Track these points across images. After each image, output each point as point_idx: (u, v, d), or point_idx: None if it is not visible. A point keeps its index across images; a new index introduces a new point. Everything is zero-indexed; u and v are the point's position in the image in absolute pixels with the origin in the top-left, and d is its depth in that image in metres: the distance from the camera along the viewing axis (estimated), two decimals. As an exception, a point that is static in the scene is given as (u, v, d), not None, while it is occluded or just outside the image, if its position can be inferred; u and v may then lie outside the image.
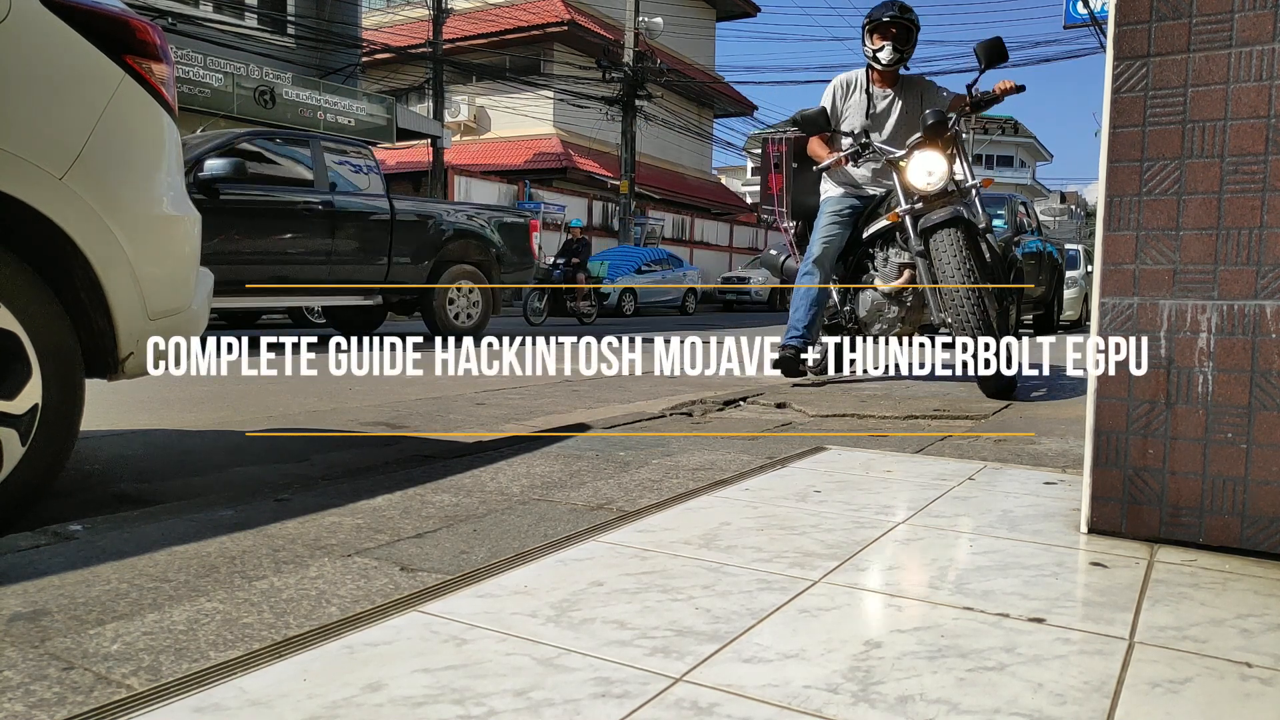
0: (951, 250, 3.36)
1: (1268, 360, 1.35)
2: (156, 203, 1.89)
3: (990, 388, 3.41)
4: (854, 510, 1.65)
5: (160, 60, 1.90)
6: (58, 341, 1.68)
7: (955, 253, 3.35)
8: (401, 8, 24.19)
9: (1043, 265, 10.96)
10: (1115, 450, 1.46)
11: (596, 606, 1.14)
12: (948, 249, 3.36)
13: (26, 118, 1.61)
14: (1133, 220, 1.44)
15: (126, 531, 1.50)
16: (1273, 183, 1.34)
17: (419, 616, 1.11)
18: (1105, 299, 1.46)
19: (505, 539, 1.46)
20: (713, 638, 1.03)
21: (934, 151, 3.48)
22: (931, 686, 0.91)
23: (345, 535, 1.48)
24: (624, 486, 1.85)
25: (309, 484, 1.87)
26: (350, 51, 16.31)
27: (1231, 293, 1.37)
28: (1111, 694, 0.90)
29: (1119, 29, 1.45)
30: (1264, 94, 1.34)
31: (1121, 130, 1.44)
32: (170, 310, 1.92)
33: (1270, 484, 1.35)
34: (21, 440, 1.62)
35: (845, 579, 1.25)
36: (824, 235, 3.88)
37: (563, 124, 22.71)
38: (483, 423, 3.20)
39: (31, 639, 1.04)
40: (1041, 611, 1.13)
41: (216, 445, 2.72)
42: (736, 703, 0.87)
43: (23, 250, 1.66)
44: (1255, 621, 1.10)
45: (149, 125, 1.88)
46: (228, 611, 1.13)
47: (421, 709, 0.86)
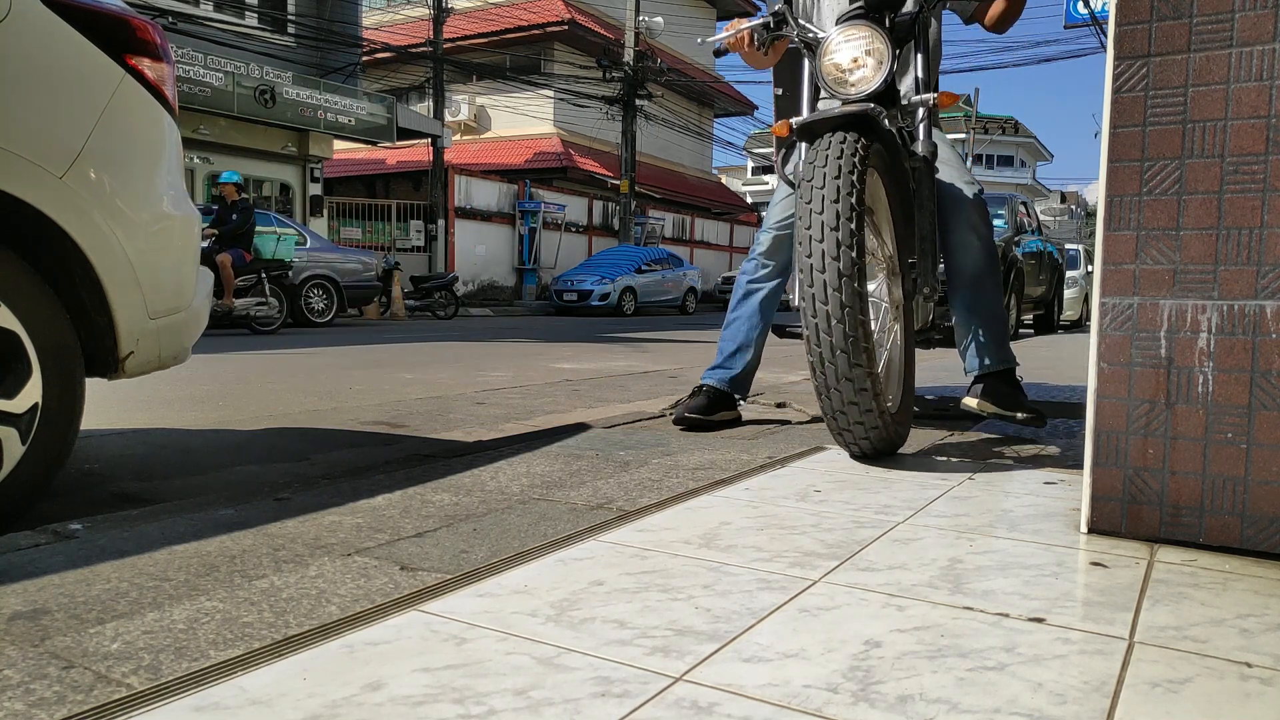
0: (823, 173, 1.90)
1: (1268, 360, 1.35)
2: (157, 202, 1.90)
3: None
4: (854, 510, 1.65)
5: (161, 59, 1.90)
6: (58, 340, 1.68)
7: (826, 177, 1.89)
8: (402, 7, 24.19)
9: (1043, 265, 10.98)
10: (1115, 450, 1.46)
11: (596, 606, 1.14)
12: (819, 169, 1.92)
13: (27, 117, 1.61)
14: (1133, 220, 1.44)
15: (126, 530, 1.50)
16: (1273, 183, 1.34)
17: (419, 616, 1.11)
18: (1105, 299, 1.46)
19: (505, 538, 1.46)
20: (713, 637, 1.03)
21: (867, 31, 2.11)
22: (931, 686, 0.91)
23: (345, 534, 1.48)
24: (624, 486, 1.85)
25: (309, 483, 1.87)
26: (350, 51, 16.30)
27: (1232, 293, 1.37)
28: (1111, 694, 0.90)
29: (1119, 29, 1.45)
30: (1264, 94, 1.34)
31: (1121, 130, 1.44)
32: (171, 309, 1.92)
33: (1270, 484, 1.35)
34: (22, 439, 1.62)
35: (845, 578, 1.25)
36: (776, 217, 2.66)
37: (563, 123, 22.72)
38: (483, 422, 3.20)
39: (31, 638, 1.04)
40: (1041, 611, 1.13)
41: (217, 444, 2.72)
42: (736, 702, 0.87)
43: (23, 249, 1.67)
44: (1255, 621, 1.10)
45: (149, 125, 1.88)
46: (228, 610, 1.13)
47: (421, 708, 0.86)
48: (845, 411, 1.93)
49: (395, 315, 13.68)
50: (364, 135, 15.82)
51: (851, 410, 1.93)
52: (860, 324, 1.84)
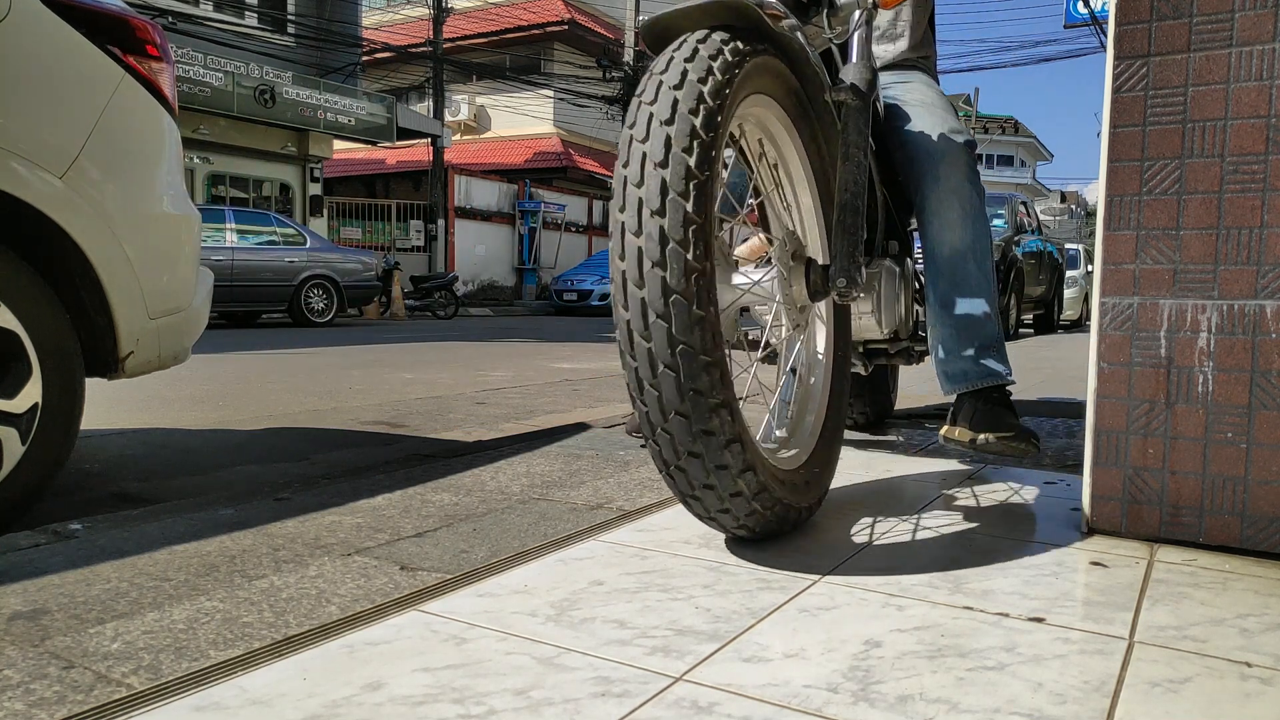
0: (658, 82, 1.27)
1: (1268, 360, 1.35)
2: (157, 202, 1.90)
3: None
4: (854, 510, 1.65)
5: (161, 59, 1.91)
6: (58, 340, 1.68)
7: (663, 87, 1.25)
8: (402, 7, 24.19)
9: (1043, 265, 10.99)
10: (1115, 450, 1.46)
11: (596, 605, 1.14)
12: (657, 78, 1.34)
13: (27, 117, 1.61)
14: (1133, 220, 1.44)
15: (126, 530, 1.50)
16: (1273, 182, 1.34)
17: (419, 615, 1.11)
18: (1105, 299, 1.46)
19: (505, 538, 1.46)
20: (713, 637, 1.03)
21: None
22: (931, 686, 0.91)
23: (345, 534, 1.48)
24: (624, 485, 1.85)
25: (309, 483, 1.87)
26: (350, 50, 16.31)
27: (1232, 292, 1.37)
28: (1111, 693, 0.90)
29: (1119, 29, 1.45)
30: (1264, 94, 1.34)
31: (1121, 130, 1.44)
32: (171, 309, 1.92)
33: (1270, 484, 1.35)
34: (22, 439, 1.62)
35: (845, 578, 1.25)
36: None
37: (563, 123, 22.70)
38: (483, 422, 3.20)
39: (31, 638, 1.04)
40: (1041, 611, 1.13)
41: (217, 444, 2.72)
42: (736, 702, 0.87)
43: (23, 249, 1.67)
44: (1255, 621, 1.10)
45: (149, 124, 1.88)
46: (228, 610, 1.13)
47: (421, 708, 0.86)
48: (685, 468, 1.23)
49: (395, 315, 13.68)
50: (364, 135, 15.82)
51: (693, 467, 1.22)
52: (701, 325, 1.15)
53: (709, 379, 1.17)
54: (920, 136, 1.88)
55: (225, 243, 10.53)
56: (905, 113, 1.93)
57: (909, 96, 1.97)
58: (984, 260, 1.84)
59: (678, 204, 1.16)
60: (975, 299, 1.83)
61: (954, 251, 1.83)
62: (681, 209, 1.16)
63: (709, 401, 1.17)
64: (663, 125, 1.19)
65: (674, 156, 1.17)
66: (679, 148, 1.17)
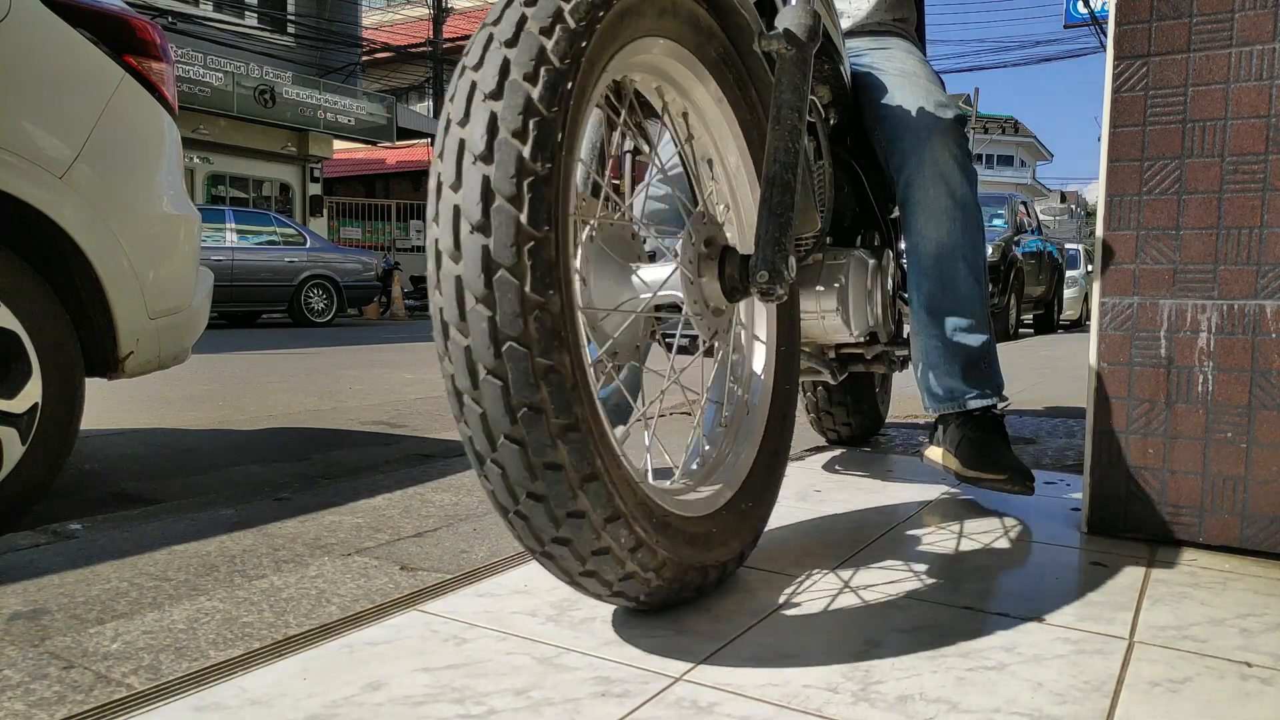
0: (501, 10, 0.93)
1: (1268, 360, 1.35)
2: (157, 202, 1.90)
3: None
4: (854, 510, 1.65)
5: (160, 59, 1.91)
6: (58, 340, 1.68)
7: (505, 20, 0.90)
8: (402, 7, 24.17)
9: (1043, 265, 10.99)
10: (1115, 449, 1.46)
11: (596, 605, 1.13)
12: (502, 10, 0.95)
13: (27, 117, 1.61)
14: (1133, 220, 1.44)
15: (126, 530, 1.50)
16: (1273, 182, 1.34)
17: (419, 615, 1.11)
18: (1105, 298, 1.46)
19: (505, 538, 1.46)
20: (712, 636, 1.03)
21: None
22: (931, 686, 0.91)
23: (345, 534, 1.48)
24: (624, 486, 1.84)
25: (309, 483, 1.87)
26: (350, 51, 16.32)
27: (1231, 292, 1.37)
28: (1111, 693, 0.90)
29: (1119, 28, 1.45)
30: (1264, 93, 1.34)
31: (1121, 130, 1.44)
32: (170, 309, 1.92)
33: (1270, 484, 1.35)
34: (21, 439, 1.62)
35: (845, 578, 1.25)
36: None
37: (563, 123, 22.66)
38: (483, 422, 3.19)
39: (31, 638, 1.04)
40: (1041, 611, 1.13)
41: (217, 444, 2.72)
42: (736, 702, 0.87)
43: (23, 249, 1.67)
44: (1255, 621, 1.10)
45: (149, 124, 1.88)
46: (228, 610, 1.13)
47: (422, 708, 0.86)
48: (528, 515, 0.90)
49: (395, 315, 13.69)
50: (364, 135, 15.82)
51: (537, 514, 0.90)
52: (548, 334, 0.84)
53: (550, 390, 0.84)
54: (899, 112, 1.62)
55: (225, 243, 10.54)
56: (882, 83, 1.67)
57: (887, 65, 1.71)
58: (975, 258, 1.60)
59: (507, 214, 0.83)
60: (965, 305, 1.60)
61: (941, 248, 1.58)
62: (513, 221, 0.83)
63: (553, 423, 0.85)
64: (486, 100, 0.85)
65: (500, 144, 0.84)
66: (507, 131, 0.84)
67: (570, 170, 0.89)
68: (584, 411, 0.87)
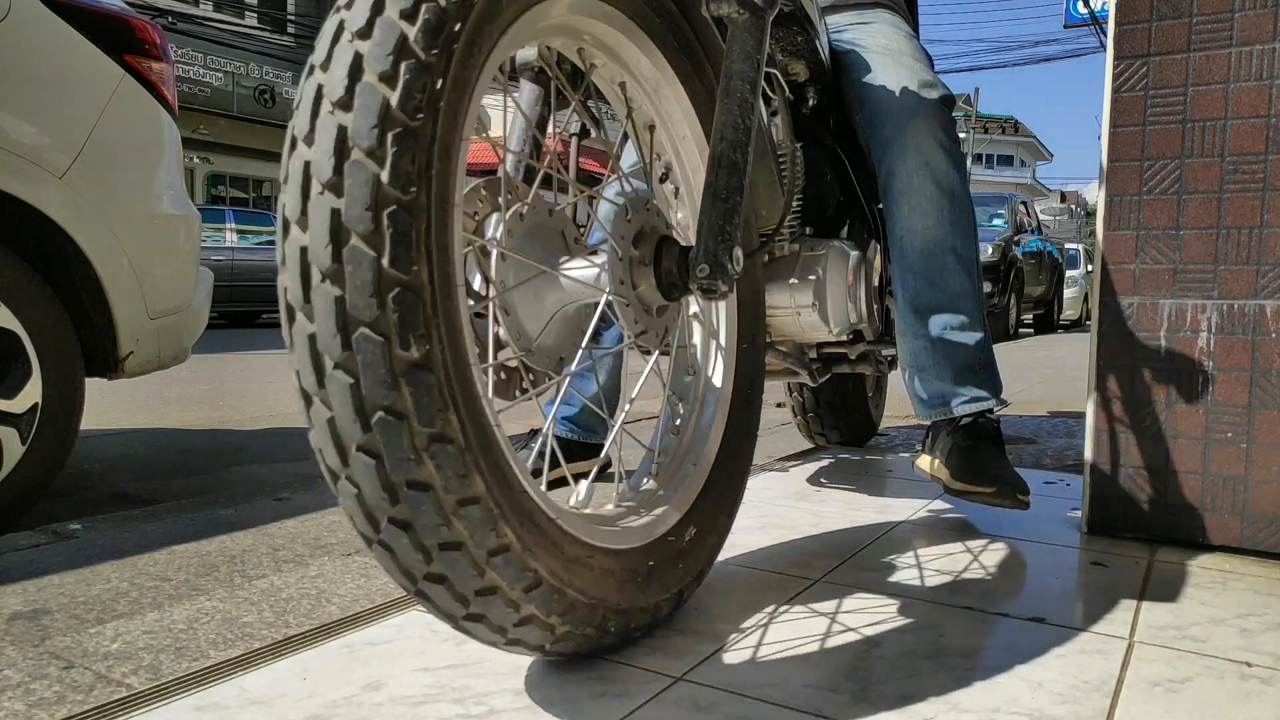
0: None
1: (1268, 360, 1.35)
2: (156, 201, 1.90)
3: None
4: (854, 510, 1.65)
5: (160, 59, 1.91)
6: (58, 340, 1.68)
7: None
8: (401, 7, 24.18)
9: (1043, 265, 11.00)
10: (1115, 449, 1.46)
11: (596, 606, 1.13)
12: None
13: (27, 116, 1.61)
14: (1133, 220, 1.44)
15: (126, 530, 1.50)
16: (1273, 182, 1.34)
17: (419, 615, 1.11)
18: (1105, 298, 1.46)
19: (505, 538, 1.46)
20: (712, 637, 1.03)
21: None
22: (931, 686, 0.91)
23: (345, 534, 1.48)
24: (624, 486, 1.84)
25: (309, 483, 1.87)
26: (350, 51, 16.31)
27: (1231, 292, 1.37)
28: (1111, 693, 0.90)
29: (1119, 28, 1.45)
30: (1264, 93, 1.34)
31: (1121, 130, 1.44)
32: (170, 309, 1.92)
33: (1270, 483, 1.35)
34: (22, 439, 1.62)
35: (845, 577, 1.25)
36: None
37: (563, 123, 22.71)
38: (483, 422, 3.19)
39: (31, 638, 1.04)
40: (1041, 611, 1.13)
41: (217, 444, 2.72)
42: (736, 702, 0.87)
43: (23, 249, 1.67)
44: (1255, 621, 1.10)
45: (149, 124, 1.88)
46: (228, 610, 1.13)
47: (421, 708, 0.86)
48: (392, 546, 0.74)
49: (395, 315, 13.69)
50: (364, 135, 15.82)
51: (401, 545, 0.74)
52: (410, 320, 0.69)
53: (414, 390, 0.69)
54: (881, 92, 1.50)
55: (225, 243, 10.54)
56: (864, 61, 1.55)
57: (869, 41, 1.58)
58: (966, 251, 1.48)
59: (364, 171, 0.68)
60: (955, 302, 1.48)
61: (927, 241, 1.46)
62: (371, 180, 0.68)
63: (417, 431, 0.70)
64: (354, 40, 0.71)
65: (363, 89, 0.69)
66: (373, 74, 0.69)
67: (454, 129, 0.73)
68: (459, 419, 0.71)
